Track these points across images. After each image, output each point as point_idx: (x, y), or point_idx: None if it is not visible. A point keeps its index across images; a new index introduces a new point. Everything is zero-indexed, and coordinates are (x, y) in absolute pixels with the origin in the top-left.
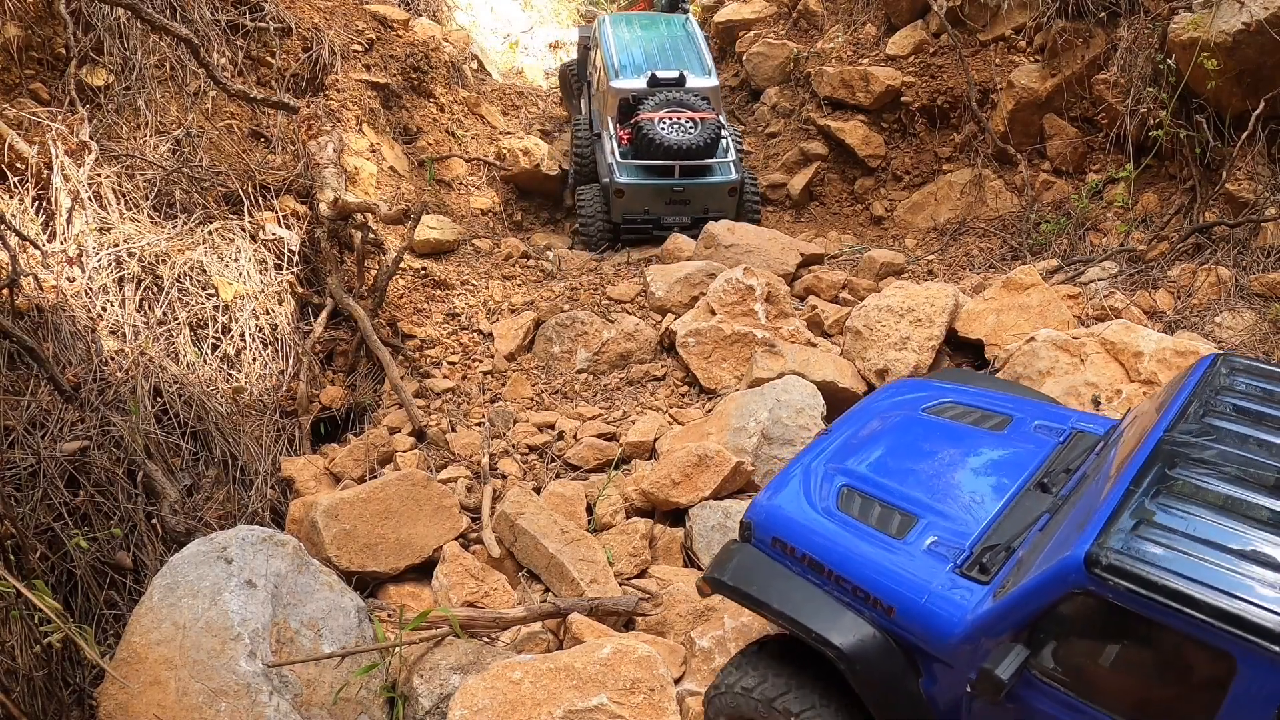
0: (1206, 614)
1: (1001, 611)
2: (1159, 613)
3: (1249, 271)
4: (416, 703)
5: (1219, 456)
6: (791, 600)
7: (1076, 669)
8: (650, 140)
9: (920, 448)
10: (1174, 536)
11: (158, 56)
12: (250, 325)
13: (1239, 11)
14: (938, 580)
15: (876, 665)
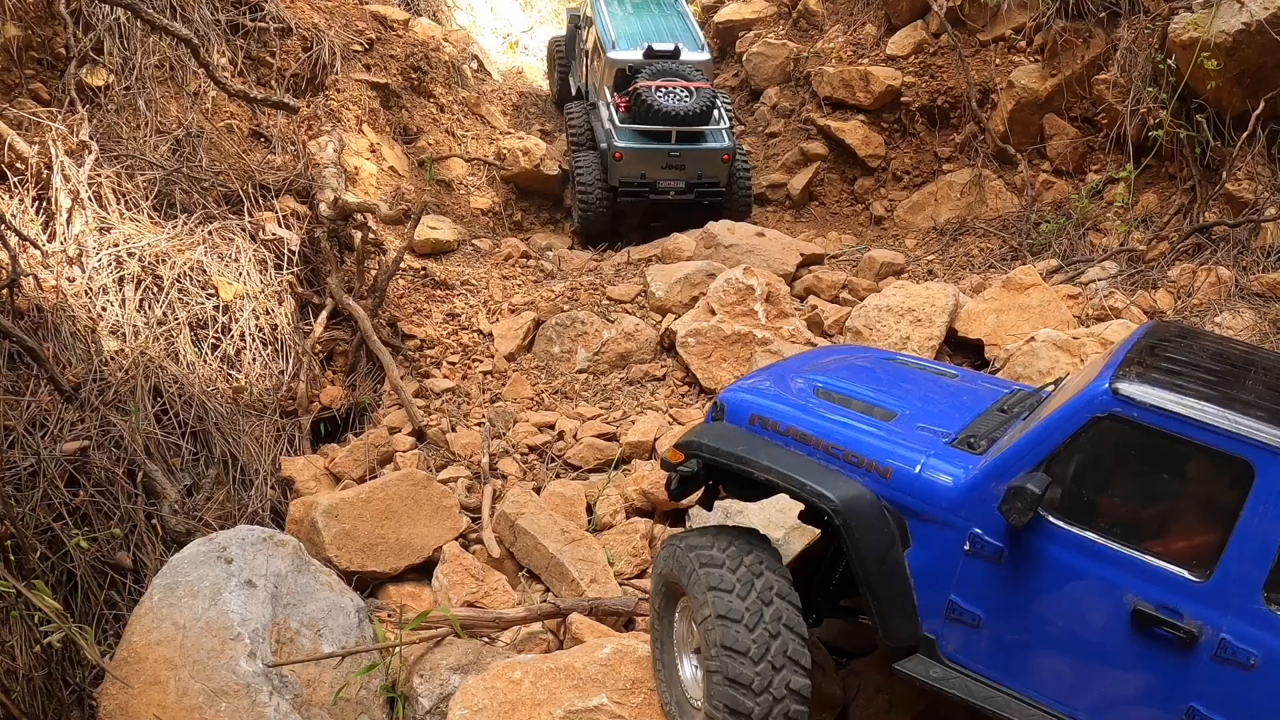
0: (1226, 424)
1: (1019, 449)
2: (1184, 428)
3: (1249, 271)
4: (416, 703)
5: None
6: (782, 461)
7: (1093, 505)
8: (648, 106)
9: (886, 377)
10: (1177, 380)
11: (158, 56)
12: (250, 325)
13: (1239, 11)
14: (934, 448)
15: (869, 523)
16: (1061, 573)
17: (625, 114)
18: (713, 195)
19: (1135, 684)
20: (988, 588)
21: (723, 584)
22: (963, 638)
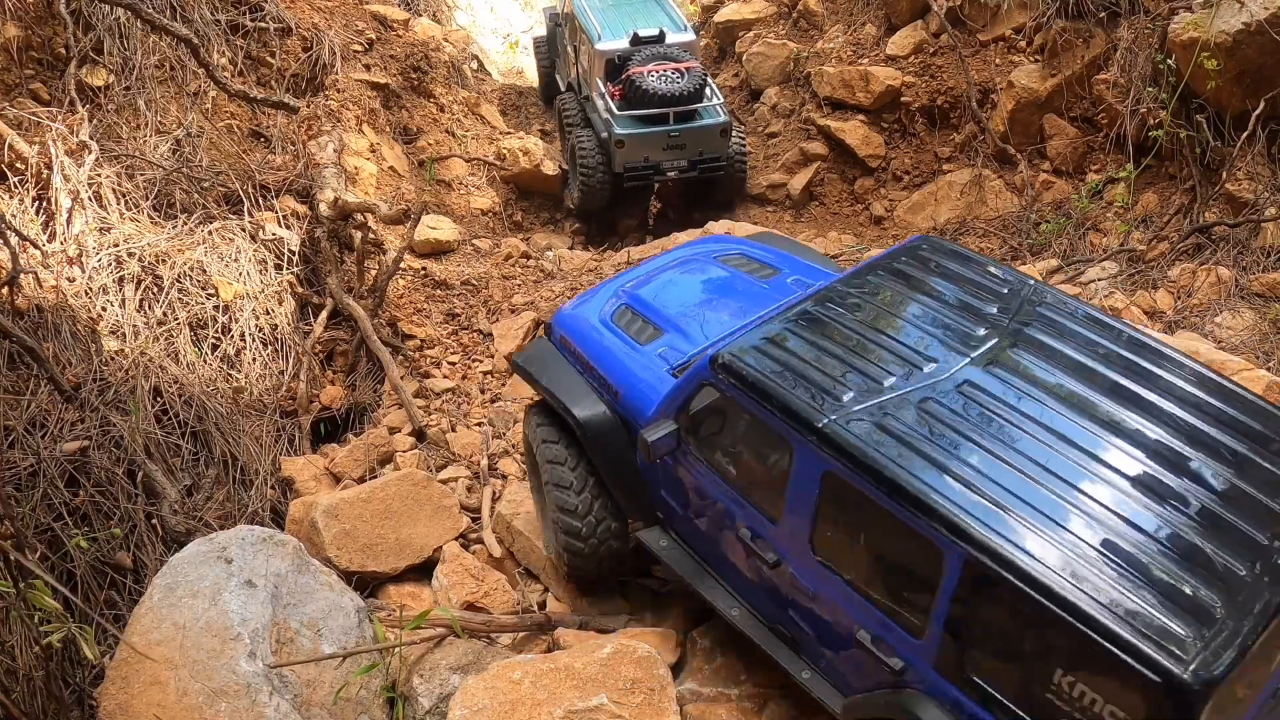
0: (775, 409)
1: (668, 397)
2: (748, 404)
3: (1249, 271)
4: (416, 703)
5: (858, 304)
6: (556, 381)
7: (708, 443)
8: (644, 91)
9: (695, 284)
10: (785, 352)
11: (158, 56)
12: (250, 325)
13: (1239, 11)
14: (654, 376)
15: (603, 434)
16: (703, 489)
17: (621, 102)
18: (714, 170)
19: (758, 584)
20: (672, 488)
21: (555, 457)
22: (676, 521)
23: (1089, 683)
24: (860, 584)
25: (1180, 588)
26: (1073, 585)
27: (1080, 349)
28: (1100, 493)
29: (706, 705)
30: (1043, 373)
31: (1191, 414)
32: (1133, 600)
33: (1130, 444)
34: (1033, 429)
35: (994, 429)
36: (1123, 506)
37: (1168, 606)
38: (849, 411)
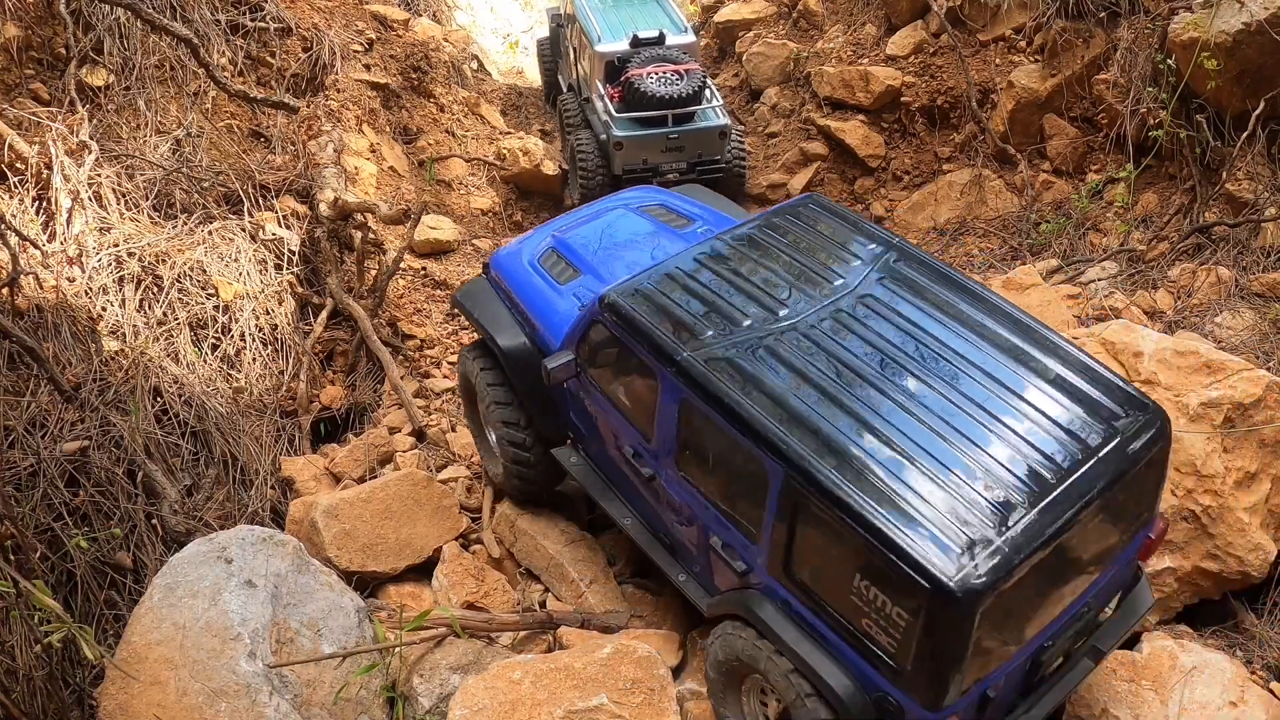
0: (646, 344)
1: (570, 331)
2: (626, 339)
3: (1249, 271)
4: (416, 703)
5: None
6: (486, 315)
7: (600, 372)
8: (642, 93)
9: (616, 230)
10: (662, 295)
11: (158, 56)
12: (250, 325)
13: (1239, 11)
14: (567, 313)
15: (522, 363)
16: (598, 413)
17: (620, 104)
18: (713, 172)
19: (644, 497)
20: (578, 412)
21: (494, 380)
22: (583, 441)
23: (879, 586)
24: (713, 497)
25: (964, 506)
26: (866, 500)
27: (922, 300)
28: (907, 421)
29: (707, 705)
30: (882, 319)
31: (1004, 355)
32: (919, 515)
33: (945, 382)
34: (862, 367)
35: (828, 367)
36: (926, 433)
37: (950, 522)
38: (705, 348)
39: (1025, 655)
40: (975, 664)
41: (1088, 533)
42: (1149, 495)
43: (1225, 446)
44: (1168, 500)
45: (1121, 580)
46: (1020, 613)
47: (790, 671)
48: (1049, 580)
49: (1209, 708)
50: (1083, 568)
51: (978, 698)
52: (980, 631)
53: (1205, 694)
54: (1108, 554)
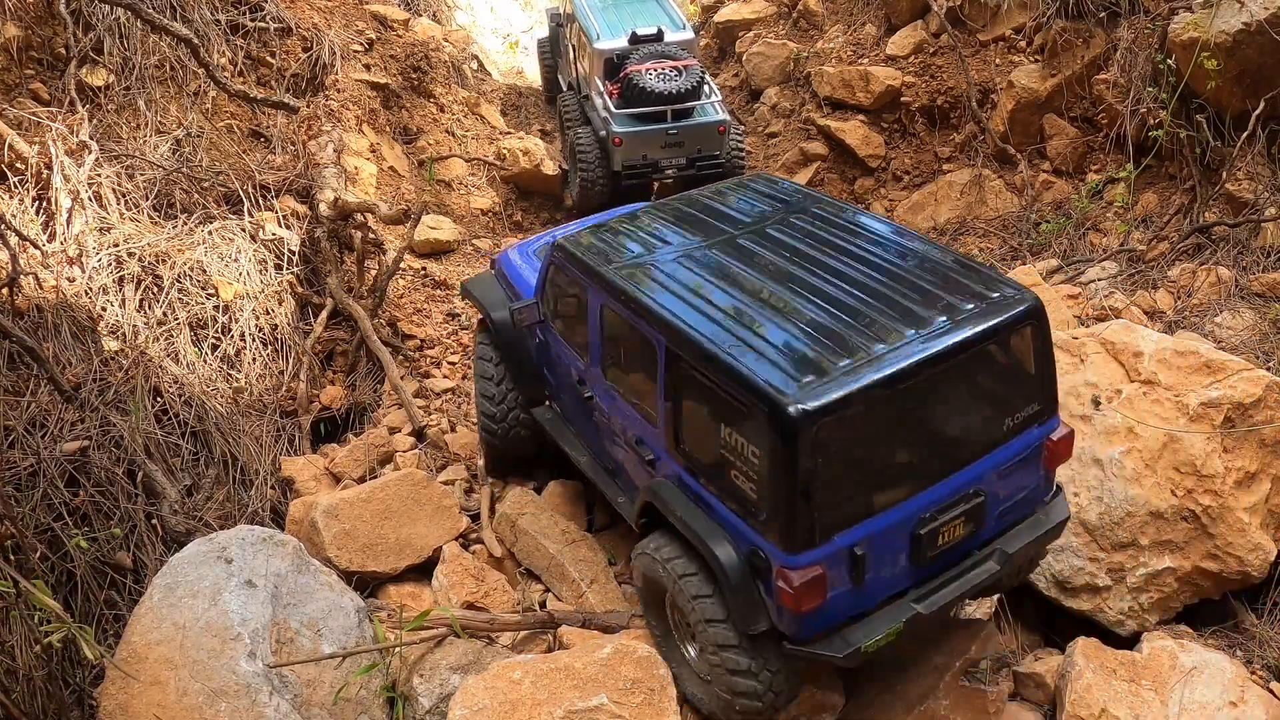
0: (579, 269)
1: (535, 282)
2: (567, 269)
3: (1249, 271)
4: (416, 703)
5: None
6: (485, 297)
7: (554, 312)
8: (641, 89)
9: None
10: (601, 238)
11: (158, 56)
12: (250, 325)
13: (1239, 11)
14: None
15: (507, 329)
16: (557, 354)
17: (619, 100)
18: (712, 167)
19: (590, 425)
20: (547, 363)
21: (482, 355)
22: (553, 395)
23: (737, 428)
24: (627, 395)
25: (808, 349)
26: (721, 346)
27: (817, 229)
28: (776, 299)
29: None
30: (774, 242)
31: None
32: (765, 355)
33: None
34: (743, 268)
35: (718, 270)
36: (788, 307)
37: (791, 359)
38: (622, 265)
39: (895, 521)
40: (826, 505)
41: (944, 397)
42: (1028, 380)
43: (1225, 446)
44: (1167, 500)
45: (1026, 485)
46: (871, 461)
47: (693, 597)
48: (902, 435)
49: (1209, 708)
50: (949, 439)
51: (845, 555)
52: (819, 461)
53: (1205, 694)
54: (982, 433)
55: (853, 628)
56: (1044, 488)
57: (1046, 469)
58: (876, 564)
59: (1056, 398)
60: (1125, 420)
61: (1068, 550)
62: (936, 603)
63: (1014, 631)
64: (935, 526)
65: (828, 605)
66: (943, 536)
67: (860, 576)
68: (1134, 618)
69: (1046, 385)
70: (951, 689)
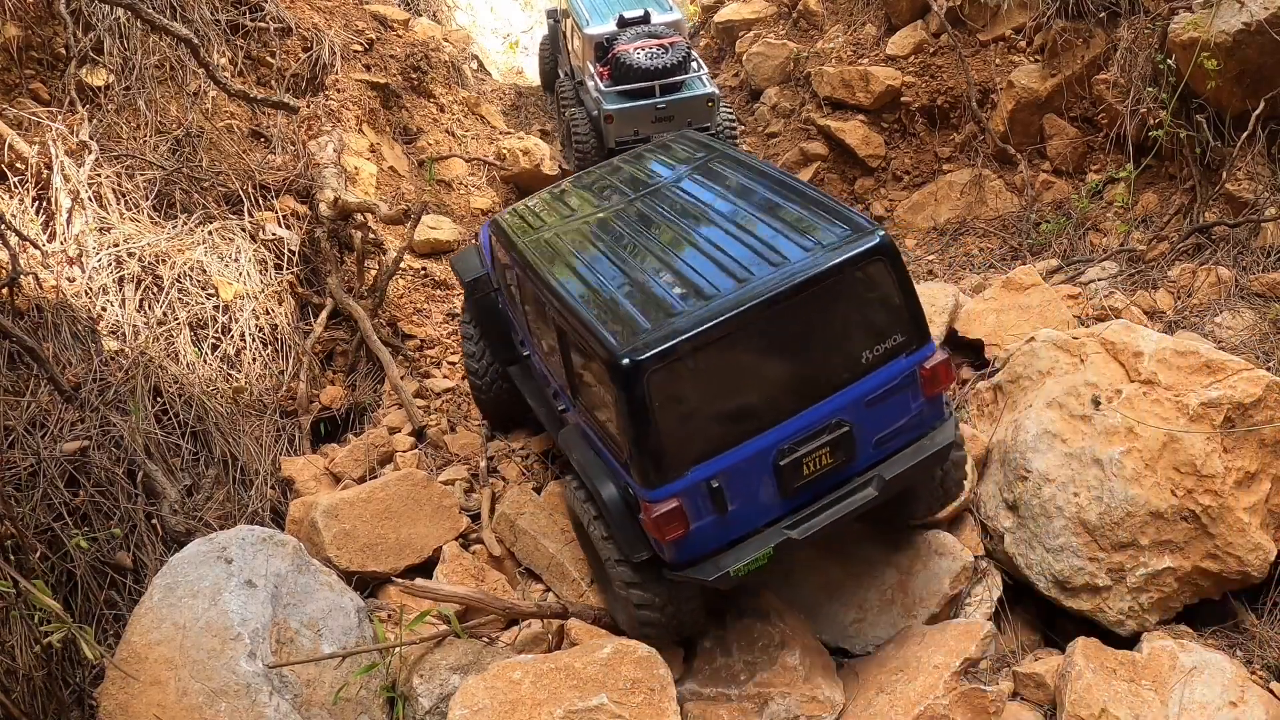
0: (505, 242)
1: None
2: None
3: (1249, 271)
4: (416, 703)
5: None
6: (464, 266)
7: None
8: (629, 67)
9: None
10: (529, 208)
11: (158, 56)
12: (250, 325)
13: (1239, 11)
14: None
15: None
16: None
17: (609, 80)
18: None
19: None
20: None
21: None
22: (531, 352)
23: (598, 377)
24: (545, 355)
25: (656, 309)
26: (586, 311)
27: (710, 182)
28: (645, 258)
29: (706, 705)
30: (663, 202)
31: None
32: (621, 319)
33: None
34: (628, 230)
35: (606, 234)
36: (655, 264)
37: (638, 320)
38: (536, 234)
39: (750, 454)
40: (674, 444)
41: (788, 336)
42: (887, 314)
43: (1225, 446)
44: (1167, 500)
45: (904, 413)
46: (715, 401)
47: (601, 539)
48: (746, 374)
49: (1209, 708)
50: (801, 374)
51: (704, 487)
52: (657, 405)
53: (1205, 694)
54: (840, 366)
55: (726, 554)
56: (931, 413)
57: (927, 396)
58: (738, 495)
59: (925, 327)
60: (1125, 420)
61: (1068, 550)
62: (810, 529)
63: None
64: (797, 457)
65: (695, 534)
66: (808, 467)
67: (723, 506)
68: (1134, 618)
69: (911, 317)
70: (951, 689)
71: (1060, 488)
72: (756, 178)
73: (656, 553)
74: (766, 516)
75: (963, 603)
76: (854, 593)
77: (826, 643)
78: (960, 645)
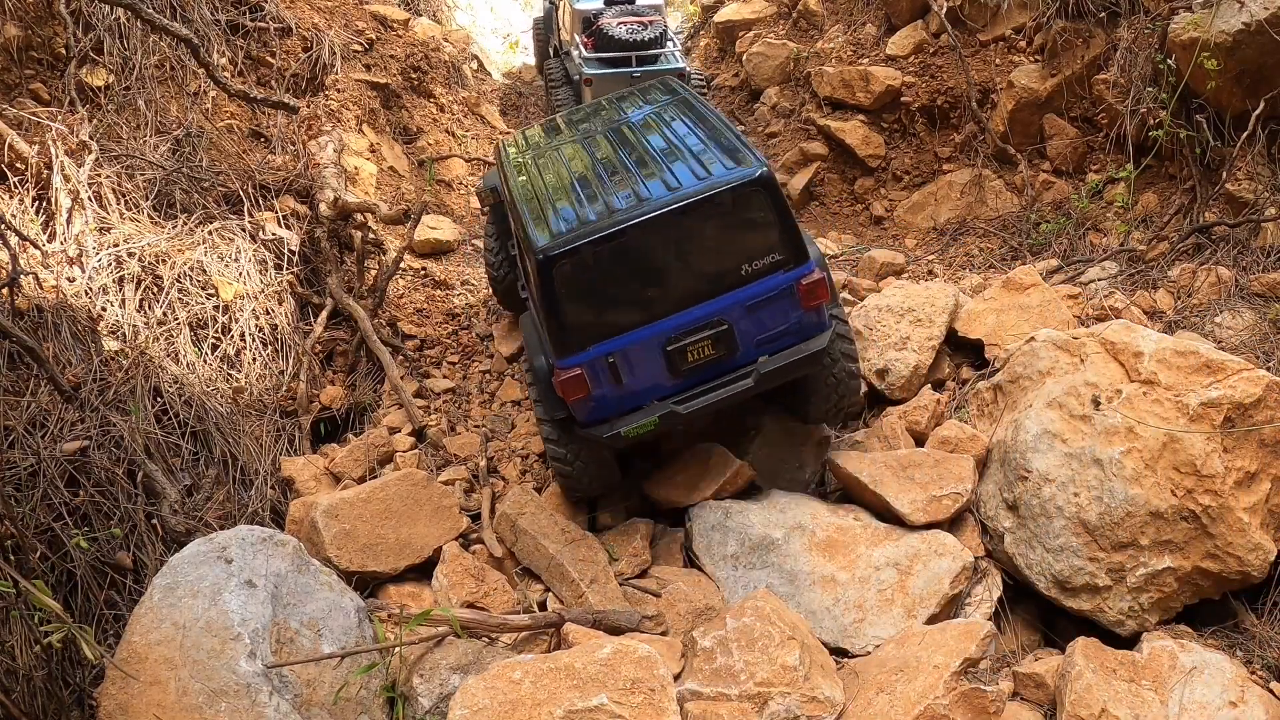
0: (498, 158)
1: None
2: (497, 162)
3: (1249, 271)
4: (416, 703)
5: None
6: (488, 182)
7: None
8: (609, 38)
9: None
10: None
11: (158, 56)
12: (250, 325)
13: (1239, 11)
14: None
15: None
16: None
17: (591, 49)
18: None
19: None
20: None
21: (487, 233)
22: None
23: (528, 263)
24: (524, 272)
25: (575, 218)
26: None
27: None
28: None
29: (706, 705)
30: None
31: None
32: (548, 223)
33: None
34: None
35: (568, 157)
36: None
37: (560, 226)
38: (520, 154)
39: (642, 339)
40: (578, 325)
41: (675, 247)
42: (765, 235)
43: (1225, 446)
44: (1167, 500)
45: (782, 320)
46: (613, 294)
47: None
48: (639, 275)
49: (1209, 708)
50: (687, 279)
51: (603, 362)
52: (563, 293)
53: (1205, 694)
54: (721, 275)
55: (622, 419)
56: (810, 324)
57: (805, 308)
58: (632, 371)
59: (803, 250)
60: (1125, 420)
61: (1068, 550)
62: (693, 406)
63: (1014, 631)
64: (682, 346)
65: (596, 400)
66: (692, 355)
67: (619, 380)
68: (1134, 618)
69: (788, 240)
70: (951, 689)
71: (1060, 488)
72: (697, 122)
73: (570, 414)
74: (658, 393)
75: (963, 603)
76: (854, 593)
77: (826, 643)
78: (960, 645)
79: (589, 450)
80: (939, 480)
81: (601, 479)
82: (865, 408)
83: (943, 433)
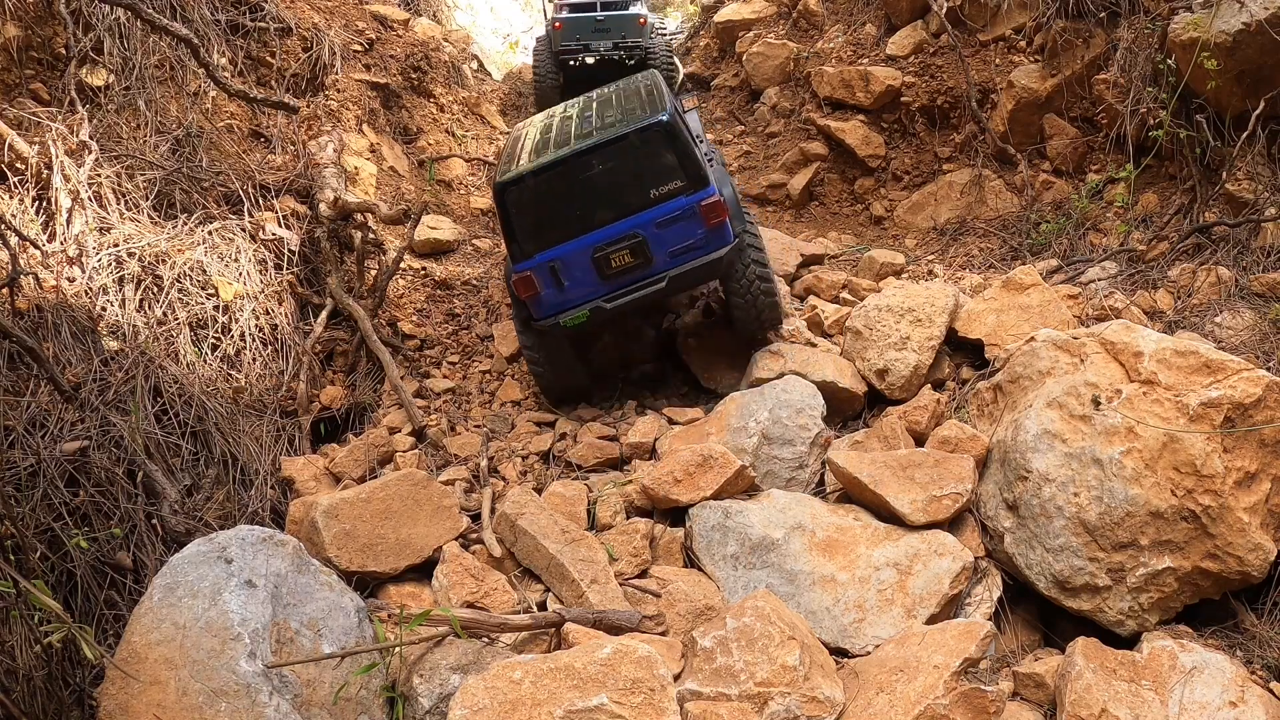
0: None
1: None
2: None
3: (1249, 271)
4: (416, 703)
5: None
6: None
7: None
8: None
9: None
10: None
11: (158, 56)
12: (250, 325)
13: (1239, 11)
14: None
15: None
16: None
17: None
18: (634, 52)
19: None
20: None
21: None
22: None
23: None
24: None
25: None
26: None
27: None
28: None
29: (706, 705)
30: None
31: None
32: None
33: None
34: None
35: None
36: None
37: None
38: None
39: (576, 249)
40: (527, 238)
41: (599, 176)
42: (668, 167)
43: (1225, 446)
44: (1167, 500)
45: (690, 235)
46: (554, 213)
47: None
48: (572, 198)
49: (1209, 708)
50: (609, 201)
51: (547, 267)
52: (514, 212)
53: (1205, 694)
54: (634, 199)
55: (563, 314)
56: (714, 239)
57: (708, 226)
58: (569, 275)
59: (704, 177)
60: (1125, 420)
61: (1068, 550)
62: (616, 303)
63: (1014, 631)
64: (607, 254)
65: (543, 298)
66: (614, 261)
67: (559, 283)
68: (1134, 618)
69: (689, 170)
70: (951, 689)
71: (1060, 488)
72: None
73: (530, 312)
74: (592, 295)
75: (963, 603)
76: (854, 593)
77: (826, 643)
78: (960, 645)
79: (548, 341)
80: (939, 480)
81: (565, 375)
82: (865, 408)
83: (943, 433)
